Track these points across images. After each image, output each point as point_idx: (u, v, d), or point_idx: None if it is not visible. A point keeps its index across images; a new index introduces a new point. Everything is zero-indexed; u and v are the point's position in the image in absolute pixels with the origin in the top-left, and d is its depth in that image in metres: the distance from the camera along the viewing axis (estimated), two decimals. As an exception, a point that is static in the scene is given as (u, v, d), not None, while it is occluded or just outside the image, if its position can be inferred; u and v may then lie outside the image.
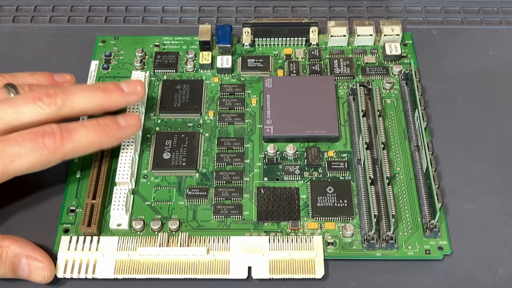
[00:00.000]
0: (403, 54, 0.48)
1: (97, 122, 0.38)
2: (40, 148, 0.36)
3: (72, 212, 0.40)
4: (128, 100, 0.40)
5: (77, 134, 0.37)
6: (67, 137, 0.36)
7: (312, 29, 0.48)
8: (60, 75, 0.43)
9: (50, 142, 0.36)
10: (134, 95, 0.40)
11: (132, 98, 0.40)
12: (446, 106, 0.46)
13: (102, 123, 0.38)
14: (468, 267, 0.38)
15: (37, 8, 0.53)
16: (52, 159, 0.36)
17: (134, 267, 0.37)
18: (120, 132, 0.39)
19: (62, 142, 0.36)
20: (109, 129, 0.38)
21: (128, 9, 0.53)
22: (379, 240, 0.38)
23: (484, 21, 0.51)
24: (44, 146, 0.36)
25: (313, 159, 0.42)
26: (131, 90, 0.40)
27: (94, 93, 0.38)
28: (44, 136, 0.36)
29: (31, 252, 0.36)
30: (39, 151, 0.36)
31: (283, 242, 0.38)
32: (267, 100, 0.44)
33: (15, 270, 0.36)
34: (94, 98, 0.38)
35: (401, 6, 0.53)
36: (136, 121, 0.39)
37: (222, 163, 0.42)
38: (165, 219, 0.40)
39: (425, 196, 0.40)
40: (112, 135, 0.38)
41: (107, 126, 0.38)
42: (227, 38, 0.47)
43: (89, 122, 0.38)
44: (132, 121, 0.39)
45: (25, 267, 0.36)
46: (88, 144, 0.37)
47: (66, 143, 0.36)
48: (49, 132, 0.36)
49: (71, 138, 0.36)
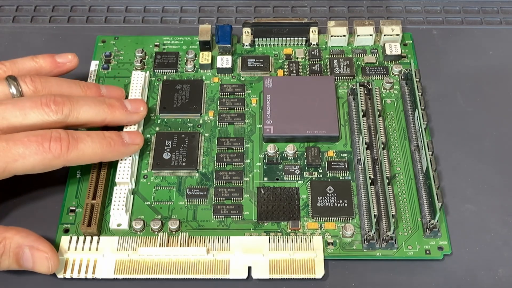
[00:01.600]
0: (403, 54, 0.48)
1: (103, 135, 0.38)
2: (45, 152, 0.36)
3: (72, 212, 0.40)
4: (130, 119, 0.41)
5: (83, 144, 0.37)
6: (73, 145, 0.37)
7: (312, 29, 0.48)
8: (62, 55, 0.43)
9: (55, 148, 0.36)
10: (136, 115, 0.41)
11: (134, 117, 0.41)
12: (446, 106, 0.46)
13: (108, 137, 0.39)
14: (468, 267, 0.38)
15: (37, 8, 0.53)
16: (54, 164, 0.37)
17: (134, 267, 0.37)
18: (124, 149, 0.40)
19: (68, 149, 0.37)
20: (114, 144, 0.39)
21: (128, 9, 0.53)
22: (379, 240, 0.38)
23: (484, 21, 0.51)
24: (49, 151, 0.36)
25: (313, 159, 0.42)
26: (134, 109, 0.41)
27: (100, 107, 0.39)
28: (51, 140, 0.36)
29: (34, 242, 0.36)
30: (44, 154, 0.36)
31: (283, 242, 0.38)
32: (267, 100, 0.44)
33: (19, 261, 0.36)
34: (99, 113, 0.39)
35: (401, 6, 0.53)
36: (140, 140, 0.40)
37: (222, 163, 0.42)
38: (165, 219, 0.40)
39: (425, 196, 0.40)
40: (116, 150, 0.39)
41: (113, 140, 0.39)
42: (227, 38, 0.47)
43: (96, 134, 0.38)
44: (136, 140, 0.40)
45: (29, 258, 0.36)
46: (91, 155, 0.38)
47: (71, 151, 0.37)
48: (56, 137, 0.36)
49: (77, 147, 0.37)
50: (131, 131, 0.41)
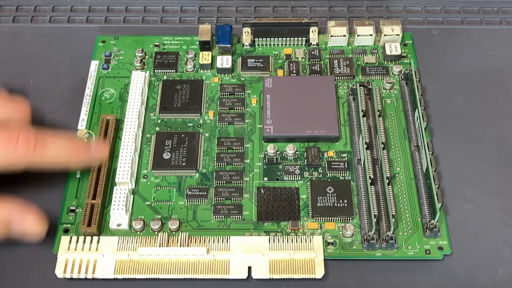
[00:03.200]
0: (403, 54, 0.48)
1: (70, 142, 0.38)
2: (10, 151, 0.36)
3: (72, 212, 0.40)
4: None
5: (49, 149, 0.37)
6: (40, 149, 0.36)
7: (312, 29, 0.48)
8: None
9: (21, 149, 0.36)
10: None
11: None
12: (446, 106, 0.46)
13: (75, 145, 0.39)
14: (468, 267, 0.38)
15: (37, 8, 0.53)
16: (17, 164, 0.36)
17: (134, 267, 0.37)
18: (88, 159, 0.39)
19: (34, 152, 0.36)
20: (80, 152, 0.39)
21: (128, 9, 0.53)
22: (379, 240, 0.38)
23: (484, 21, 0.51)
24: (14, 151, 0.36)
25: (313, 159, 0.42)
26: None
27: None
28: (18, 140, 0.36)
29: (21, 211, 0.36)
30: (8, 154, 0.36)
31: (283, 242, 0.38)
32: (267, 100, 0.44)
33: (8, 233, 0.36)
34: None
35: (401, 6, 0.53)
36: (106, 152, 0.40)
37: (222, 163, 0.42)
38: (165, 219, 0.40)
39: (425, 196, 0.40)
40: (80, 159, 0.39)
41: (79, 149, 0.39)
42: (227, 38, 0.47)
43: (63, 140, 0.38)
44: (102, 152, 0.40)
45: (18, 228, 0.36)
46: (55, 161, 0.37)
47: (36, 155, 0.36)
48: (23, 139, 0.36)
49: (43, 151, 0.37)
50: (98, 142, 0.41)
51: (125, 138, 0.42)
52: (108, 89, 0.46)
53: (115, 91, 0.46)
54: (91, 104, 0.45)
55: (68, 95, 0.46)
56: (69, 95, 0.46)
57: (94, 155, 0.40)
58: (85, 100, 0.46)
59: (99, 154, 0.40)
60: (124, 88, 0.46)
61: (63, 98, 0.46)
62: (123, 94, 0.46)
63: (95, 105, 0.45)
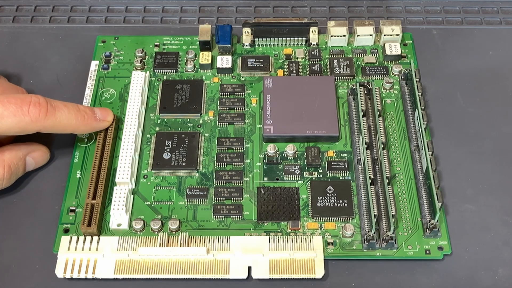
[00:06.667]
0: (403, 54, 0.48)
1: (78, 108, 0.40)
2: (24, 114, 0.37)
3: (72, 212, 0.40)
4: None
5: (60, 113, 0.39)
6: (51, 112, 0.38)
7: (312, 29, 0.48)
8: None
9: (34, 112, 0.37)
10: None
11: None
12: (446, 106, 0.46)
13: (82, 110, 0.40)
14: (468, 267, 0.38)
15: (37, 8, 0.53)
16: (29, 128, 0.38)
17: (134, 267, 0.37)
18: (95, 124, 0.41)
19: (46, 115, 0.38)
20: (87, 117, 0.40)
21: (128, 9, 0.53)
22: (379, 240, 0.38)
23: (484, 21, 0.51)
24: (27, 114, 0.37)
25: (313, 159, 0.42)
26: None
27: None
28: (30, 105, 0.37)
29: (29, 149, 0.41)
30: (21, 117, 0.37)
31: (283, 242, 0.38)
32: (267, 100, 0.44)
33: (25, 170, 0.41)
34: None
35: (401, 6, 0.53)
36: (111, 118, 0.42)
37: (222, 163, 0.42)
38: (165, 219, 0.40)
39: (425, 196, 0.40)
40: (89, 124, 0.41)
41: (86, 114, 0.40)
42: (227, 38, 0.47)
43: (72, 106, 0.40)
44: (108, 117, 0.42)
45: (31, 162, 0.41)
46: (66, 125, 0.39)
47: (48, 117, 0.38)
48: (35, 102, 0.38)
49: (54, 115, 0.38)
50: (103, 108, 0.43)
51: (125, 138, 0.42)
52: (108, 89, 0.46)
53: (115, 91, 0.46)
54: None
55: (68, 95, 0.46)
56: (69, 95, 0.46)
57: (101, 122, 0.42)
58: (85, 100, 0.46)
59: (105, 118, 0.42)
60: (124, 88, 0.46)
61: (63, 98, 0.46)
62: (123, 94, 0.46)
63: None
